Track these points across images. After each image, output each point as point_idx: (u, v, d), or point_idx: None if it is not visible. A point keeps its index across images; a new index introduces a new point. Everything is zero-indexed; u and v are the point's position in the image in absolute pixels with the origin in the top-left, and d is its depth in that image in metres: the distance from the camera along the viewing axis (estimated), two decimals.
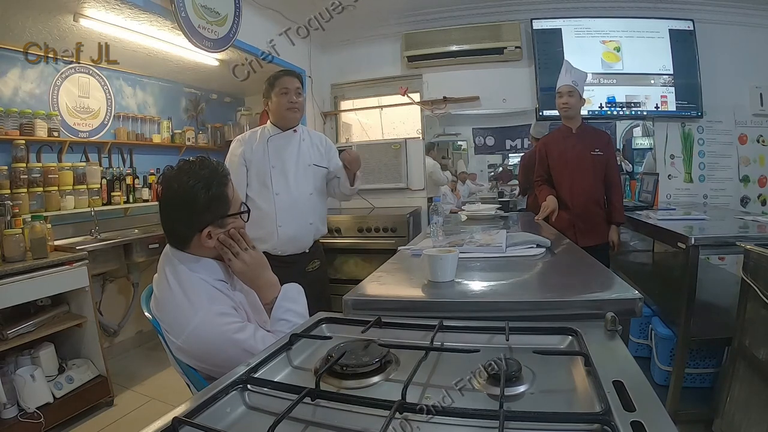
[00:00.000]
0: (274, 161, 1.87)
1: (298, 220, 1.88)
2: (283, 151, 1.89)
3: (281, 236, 1.84)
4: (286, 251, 1.87)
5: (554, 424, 0.49)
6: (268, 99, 1.92)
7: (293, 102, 1.87)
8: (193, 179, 0.99)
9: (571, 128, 2.43)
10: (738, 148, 3.56)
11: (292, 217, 1.86)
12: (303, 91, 1.94)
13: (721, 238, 1.87)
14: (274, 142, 1.90)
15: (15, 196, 2.39)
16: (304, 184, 1.91)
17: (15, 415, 1.99)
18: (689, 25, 3.46)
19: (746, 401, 1.56)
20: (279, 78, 1.89)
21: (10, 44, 2.43)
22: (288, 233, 1.86)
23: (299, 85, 1.90)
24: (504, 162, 4.22)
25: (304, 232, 1.92)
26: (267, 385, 0.61)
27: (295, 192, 1.88)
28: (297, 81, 1.90)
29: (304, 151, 1.94)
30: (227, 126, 4.09)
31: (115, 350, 2.97)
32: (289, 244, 1.88)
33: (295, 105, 1.88)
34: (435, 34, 3.69)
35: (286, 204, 1.85)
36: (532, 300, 0.96)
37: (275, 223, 1.84)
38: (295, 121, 1.93)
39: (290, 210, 1.85)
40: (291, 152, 1.90)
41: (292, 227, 1.87)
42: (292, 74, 1.92)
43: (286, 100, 1.87)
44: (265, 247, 1.80)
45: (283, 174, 1.87)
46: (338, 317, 0.87)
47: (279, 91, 1.87)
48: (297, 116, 1.91)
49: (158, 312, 1.02)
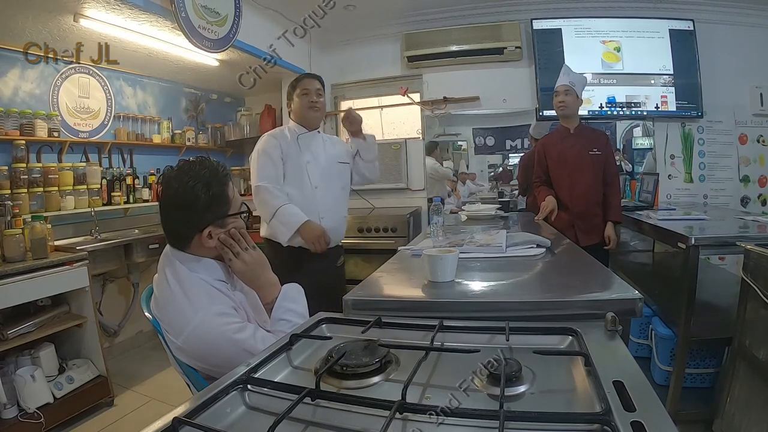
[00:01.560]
0: (308, 157, 1.95)
1: (336, 213, 2.00)
2: (314, 148, 1.99)
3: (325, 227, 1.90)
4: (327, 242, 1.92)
5: (554, 424, 0.49)
6: (291, 100, 2.05)
7: (314, 102, 1.97)
8: (193, 179, 0.99)
9: (569, 128, 2.44)
10: (738, 148, 3.56)
11: (332, 209, 1.97)
12: (323, 91, 2.04)
13: (721, 238, 1.86)
14: (303, 140, 1.99)
15: (15, 197, 2.39)
16: (335, 179, 2.02)
17: (15, 415, 1.99)
18: (689, 25, 3.46)
19: (746, 401, 1.56)
20: (300, 80, 2.01)
21: (10, 44, 2.43)
22: (330, 225, 1.93)
23: (319, 86, 2.00)
24: (504, 162, 4.22)
25: (340, 224, 2.04)
26: (267, 385, 0.61)
27: (331, 186, 1.98)
28: (317, 82, 2.01)
29: (330, 149, 2.05)
30: (227, 126, 4.09)
31: (115, 350, 2.97)
32: (331, 234, 1.93)
33: (316, 104, 1.98)
34: (435, 34, 3.69)
35: (325, 197, 1.95)
36: (532, 300, 0.96)
37: (318, 215, 1.91)
38: (317, 120, 2.03)
39: (329, 203, 1.95)
40: (321, 150, 2.00)
41: (332, 220, 1.96)
42: (312, 76, 2.03)
43: (307, 101, 1.97)
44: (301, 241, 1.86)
45: (318, 169, 1.96)
46: (338, 317, 0.87)
47: (300, 93, 1.98)
48: (318, 116, 2.01)
49: (158, 312, 1.02)
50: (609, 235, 2.38)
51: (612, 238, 2.38)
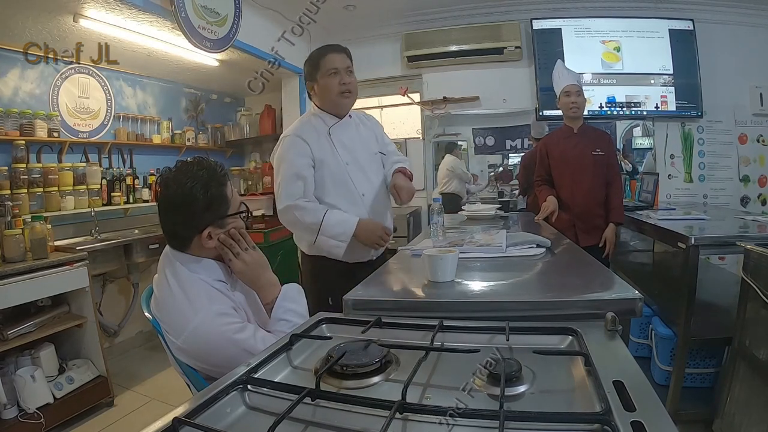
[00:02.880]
0: (347, 157, 1.57)
1: (384, 215, 1.66)
2: (349, 142, 1.60)
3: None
4: (377, 253, 1.66)
5: (554, 424, 0.49)
6: (313, 83, 1.61)
7: (345, 84, 1.55)
8: (191, 180, 0.98)
9: (573, 128, 2.43)
10: (738, 148, 3.56)
11: (381, 213, 1.63)
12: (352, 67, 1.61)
13: (721, 238, 1.87)
14: (336, 134, 1.60)
15: (15, 197, 2.39)
16: (376, 176, 1.63)
17: (15, 415, 1.98)
18: (689, 25, 3.46)
19: (746, 401, 1.56)
20: (324, 56, 1.56)
21: (10, 44, 2.43)
22: None
23: (349, 63, 1.58)
24: (504, 162, 4.22)
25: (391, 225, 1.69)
26: (267, 386, 0.61)
27: (375, 188, 1.62)
28: (347, 57, 1.58)
29: (366, 138, 1.66)
30: (227, 126, 4.09)
31: (115, 350, 2.97)
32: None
33: (349, 86, 1.56)
34: (435, 34, 3.69)
35: (372, 203, 1.60)
36: (532, 300, 0.96)
37: None
38: (349, 106, 1.63)
39: (377, 209, 1.61)
40: (357, 143, 1.62)
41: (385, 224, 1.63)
42: (339, 50, 1.57)
43: (338, 82, 1.55)
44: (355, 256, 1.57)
45: (360, 170, 1.59)
46: (338, 317, 0.87)
47: (326, 72, 1.55)
48: (351, 101, 1.60)
49: (158, 312, 1.02)
50: (607, 237, 2.34)
51: (610, 242, 2.33)
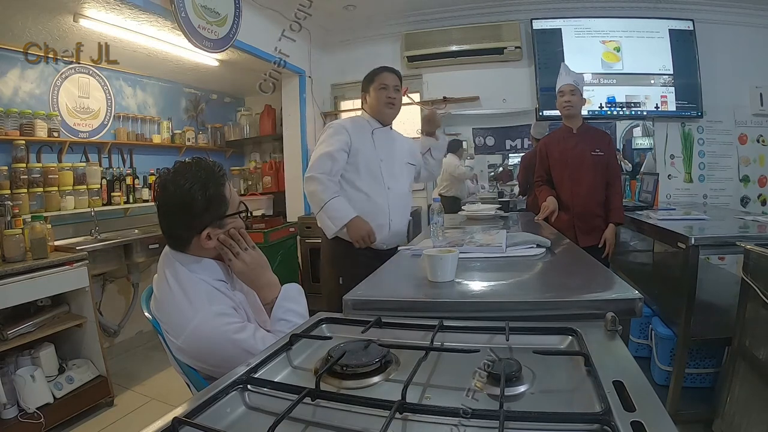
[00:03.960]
0: (382, 155, 1.87)
1: (404, 215, 1.94)
2: (388, 145, 1.91)
3: (392, 230, 1.87)
4: (390, 244, 1.88)
5: (554, 424, 0.49)
6: (366, 93, 1.95)
7: (391, 98, 1.89)
8: (189, 181, 0.98)
9: (572, 128, 2.43)
10: (738, 148, 3.56)
11: (401, 211, 1.92)
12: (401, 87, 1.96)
13: (721, 238, 1.86)
14: (378, 135, 1.92)
15: (15, 197, 2.39)
16: (404, 181, 1.96)
17: (15, 415, 1.98)
18: (689, 25, 3.46)
19: (746, 401, 1.56)
20: (379, 73, 1.91)
21: (10, 44, 2.43)
22: (397, 227, 1.91)
23: (398, 83, 1.92)
24: (504, 162, 4.23)
25: (405, 225, 1.98)
26: (267, 386, 0.61)
27: (401, 187, 1.92)
28: (396, 77, 1.92)
29: (401, 148, 1.98)
30: (227, 126, 4.09)
31: (115, 350, 2.97)
32: (395, 237, 1.92)
33: (393, 100, 1.89)
34: (435, 34, 3.69)
35: (396, 199, 1.88)
36: (532, 300, 0.96)
37: (388, 216, 1.85)
38: (392, 116, 1.95)
39: (399, 205, 1.90)
40: (393, 148, 1.93)
41: (400, 222, 1.92)
42: (391, 71, 1.93)
43: (385, 96, 1.88)
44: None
45: (391, 169, 1.89)
46: (338, 317, 0.87)
47: (378, 86, 1.89)
48: (394, 112, 1.93)
49: (158, 312, 1.02)
50: (607, 237, 2.33)
51: (609, 242, 2.33)
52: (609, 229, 2.34)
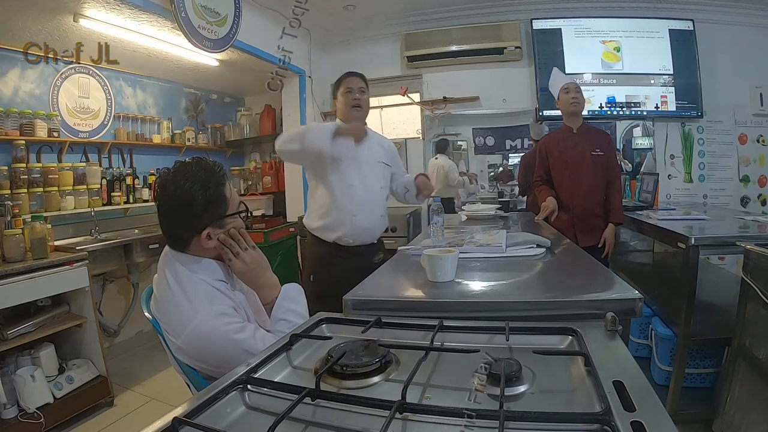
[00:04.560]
0: (350, 155, 1.95)
1: (371, 212, 1.99)
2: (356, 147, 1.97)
3: (355, 226, 1.93)
4: (357, 241, 1.96)
5: (554, 424, 0.49)
6: (335, 99, 2.07)
7: (356, 99, 1.98)
8: (189, 181, 0.98)
9: (572, 128, 2.43)
10: (738, 148, 3.56)
11: (366, 208, 1.96)
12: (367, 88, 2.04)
13: (721, 238, 1.86)
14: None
15: (15, 197, 2.39)
16: (374, 179, 2.01)
17: (15, 415, 1.98)
18: (689, 25, 3.46)
19: (746, 401, 1.56)
20: (343, 79, 2.02)
21: (10, 44, 2.43)
22: (362, 224, 1.95)
23: (363, 85, 2.01)
24: (504, 162, 4.22)
25: (375, 223, 2.02)
26: (267, 386, 0.61)
27: (368, 185, 1.98)
28: (360, 80, 2.02)
29: (373, 148, 2.05)
30: (227, 126, 4.09)
31: (115, 350, 2.97)
32: (362, 234, 1.96)
33: (359, 102, 1.99)
34: (435, 34, 3.69)
35: (360, 196, 1.94)
36: (532, 300, 0.96)
37: (350, 212, 1.92)
38: (360, 118, 2.03)
39: (364, 202, 1.95)
40: (362, 147, 1.99)
41: (366, 218, 1.96)
42: (355, 74, 2.04)
43: (350, 98, 1.98)
44: (334, 236, 1.92)
45: (357, 167, 1.96)
46: (338, 317, 0.87)
47: (343, 91, 1.99)
48: (361, 114, 2.02)
49: (158, 312, 1.02)
50: (607, 237, 2.33)
51: (609, 242, 2.32)
52: (609, 229, 2.34)
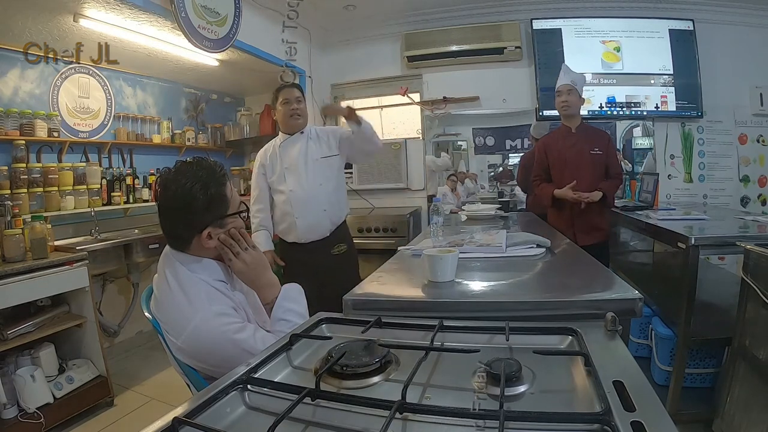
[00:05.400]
0: (286, 163, 2.14)
1: (313, 210, 2.12)
2: (292, 152, 2.15)
3: (300, 226, 2.11)
4: (309, 238, 2.13)
5: (554, 424, 0.49)
6: (274, 109, 2.22)
7: (294, 109, 2.14)
8: (190, 181, 0.98)
9: (571, 128, 2.43)
10: (738, 148, 3.56)
11: (307, 208, 2.11)
12: (303, 98, 2.20)
13: (721, 238, 1.86)
14: (284, 147, 2.18)
15: (15, 197, 2.39)
16: (313, 177, 2.14)
17: (15, 415, 1.98)
18: (689, 25, 3.46)
19: (746, 401, 1.56)
20: (280, 90, 2.17)
21: (10, 44, 2.43)
22: (305, 223, 2.11)
23: (299, 94, 2.17)
24: (504, 162, 4.22)
25: (319, 219, 2.14)
26: (267, 385, 0.61)
27: (306, 185, 2.11)
28: (297, 91, 2.17)
29: (312, 148, 2.18)
30: (227, 126, 4.08)
31: (115, 350, 2.97)
32: (309, 231, 2.13)
33: (297, 111, 2.14)
34: (435, 34, 3.69)
35: (300, 198, 2.10)
36: (532, 300, 0.96)
37: (293, 216, 2.10)
38: (299, 126, 2.18)
39: (304, 202, 2.11)
40: (299, 152, 2.15)
41: (308, 217, 2.11)
42: (291, 86, 2.21)
43: (288, 109, 2.14)
44: (291, 237, 2.15)
45: (295, 172, 2.13)
46: (338, 317, 0.87)
47: (282, 102, 2.15)
48: (299, 122, 2.17)
49: (158, 312, 1.02)
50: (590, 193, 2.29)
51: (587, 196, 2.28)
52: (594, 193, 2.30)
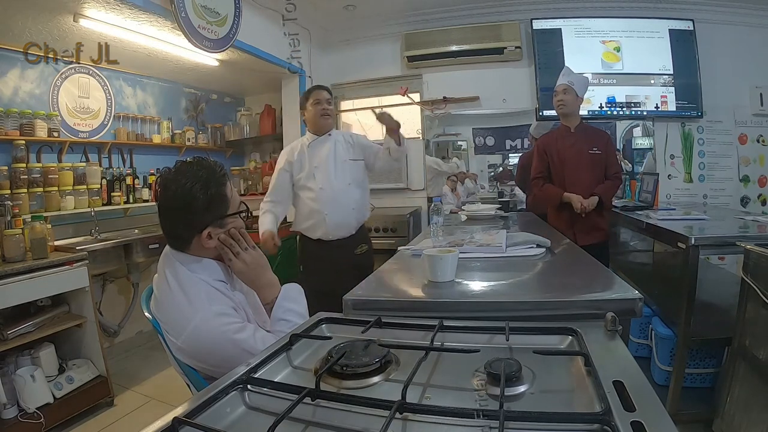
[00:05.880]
0: (315, 162, 2.22)
1: (342, 208, 2.21)
2: (321, 152, 2.23)
3: (329, 223, 2.18)
4: (336, 236, 2.21)
5: (554, 424, 0.49)
6: (304, 109, 2.28)
7: (325, 109, 2.22)
8: (190, 181, 0.98)
9: (570, 127, 2.44)
10: (738, 148, 3.56)
11: (336, 205, 2.19)
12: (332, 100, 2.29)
13: (721, 238, 1.86)
14: (312, 147, 2.26)
15: (15, 197, 2.39)
16: (342, 178, 2.23)
17: (15, 415, 1.98)
18: (689, 25, 3.46)
19: (746, 401, 1.56)
20: (312, 91, 2.26)
21: (10, 44, 2.43)
22: (334, 220, 2.19)
23: (329, 96, 2.26)
24: (504, 162, 4.22)
25: (347, 217, 2.24)
26: (267, 386, 0.61)
27: (335, 185, 2.20)
28: (327, 93, 2.26)
29: (339, 150, 2.27)
30: (227, 126, 4.09)
31: (115, 350, 2.97)
32: (337, 228, 2.21)
33: (327, 111, 2.23)
34: (435, 34, 3.69)
35: (329, 196, 2.18)
36: (532, 300, 0.96)
37: (323, 212, 2.17)
38: (329, 126, 2.27)
39: (333, 200, 2.19)
40: (328, 152, 2.23)
41: (337, 214, 2.19)
42: (322, 87, 2.29)
43: (319, 109, 2.22)
44: (317, 234, 2.21)
45: (325, 171, 2.21)
46: (338, 317, 0.87)
47: (312, 102, 2.22)
48: (329, 122, 2.26)
49: (158, 312, 1.02)
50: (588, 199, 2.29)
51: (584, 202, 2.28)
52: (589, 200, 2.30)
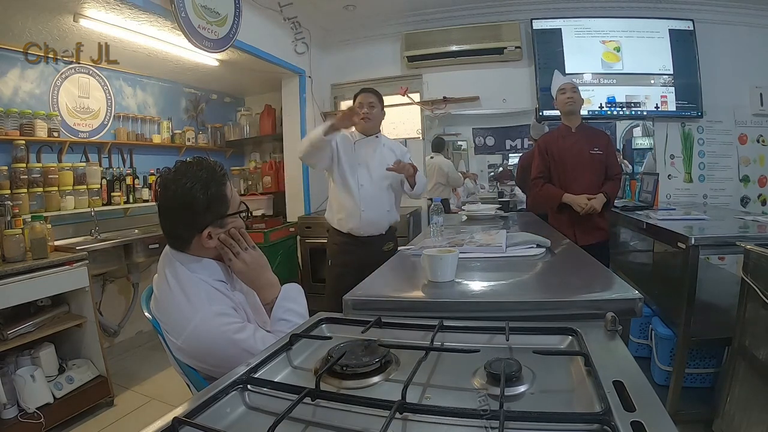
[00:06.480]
0: (361, 159, 2.32)
1: (378, 208, 2.31)
2: (368, 153, 2.34)
3: (364, 219, 2.27)
4: (367, 232, 2.30)
5: (554, 424, 0.49)
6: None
7: (365, 113, 2.31)
8: (191, 181, 0.98)
9: (571, 127, 2.43)
10: (738, 148, 3.56)
11: (373, 204, 2.29)
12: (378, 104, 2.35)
13: (721, 238, 1.86)
14: (360, 144, 2.35)
15: (15, 197, 2.39)
16: (380, 182, 2.32)
17: (15, 415, 1.98)
18: (689, 25, 3.46)
19: (746, 401, 1.56)
20: (357, 95, 2.37)
21: (10, 44, 2.43)
22: (369, 217, 2.28)
23: (372, 100, 2.33)
24: (504, 162, 4.22)
25: (382, 217, 2.34)
26: (267, 386, 0.61)
27: (376, 185, 2.30)
28: (372, 96, 2.34)
29: (383, 154, 2.36)
30: (227, 126, 4.09)
31: (115, 350, 2.97)
32: (370, 226, 2.29)
33: (368, 116, 2.31)
34: (435, 34, 3.69)
35: (369, 194, 2.28)
36: (532, 300, 0.96)
37: (359, 208, 2.26)
38: (370, 128, 2.36)
39: (372, 199, 2.28)
40: (373, 154, 2.34)
41: (373, 212, 2.29)
42: (366, 90, 2.37)
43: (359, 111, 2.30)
44: (348, 227, 2.29)
45: (367, 170, 2.30)
46: (338, 317, 0.87)
47: (356, 105, 2.31)
48: (370, 125, 2.34)
49: (158, 312, 1.02)
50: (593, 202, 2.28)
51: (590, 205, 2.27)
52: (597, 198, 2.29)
